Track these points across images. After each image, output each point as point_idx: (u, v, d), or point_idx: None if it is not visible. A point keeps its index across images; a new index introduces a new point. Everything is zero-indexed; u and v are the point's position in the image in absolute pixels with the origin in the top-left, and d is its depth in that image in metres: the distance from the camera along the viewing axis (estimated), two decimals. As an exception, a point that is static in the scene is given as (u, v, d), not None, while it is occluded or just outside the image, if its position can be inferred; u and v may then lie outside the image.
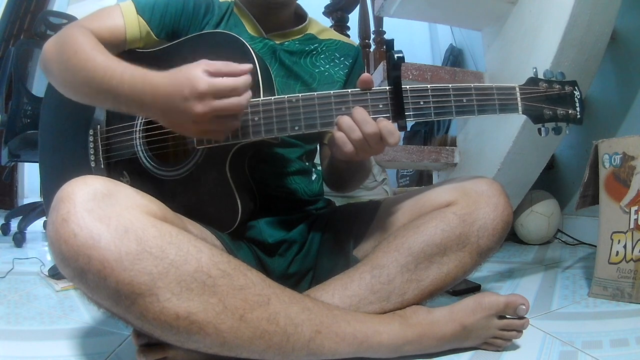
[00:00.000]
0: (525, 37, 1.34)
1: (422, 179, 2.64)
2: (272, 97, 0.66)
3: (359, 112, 0.65)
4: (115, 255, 0.49)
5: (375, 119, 0.64)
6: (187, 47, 0.73)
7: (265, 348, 0.56)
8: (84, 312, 0.91)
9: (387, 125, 0.64)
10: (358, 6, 2.12)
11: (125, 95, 0.62)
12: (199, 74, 0.58)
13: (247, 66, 0.61)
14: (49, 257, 1.46)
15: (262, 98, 0.66)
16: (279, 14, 0.84)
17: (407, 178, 2.80)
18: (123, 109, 0.65)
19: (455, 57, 2.85)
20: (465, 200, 0.71)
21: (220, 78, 0.58)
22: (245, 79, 0.60)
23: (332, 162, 0.84)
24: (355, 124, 0.64)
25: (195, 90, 0.57)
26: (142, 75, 0.62)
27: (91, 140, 0.78)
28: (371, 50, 2.15)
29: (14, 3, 3.21)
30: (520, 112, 0.70)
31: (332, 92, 0.66)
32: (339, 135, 0.65)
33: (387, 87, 0.66)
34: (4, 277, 1.22)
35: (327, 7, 2.09)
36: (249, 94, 0.61)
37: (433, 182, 1.86)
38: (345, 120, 0.65)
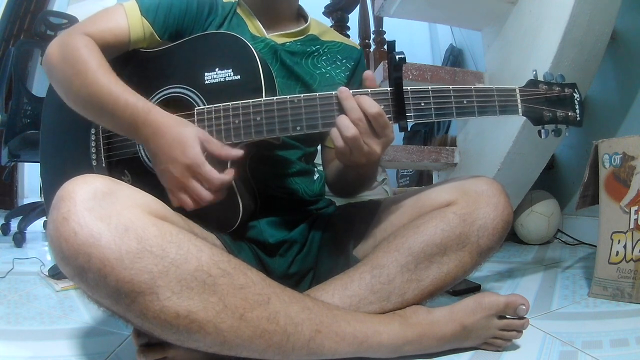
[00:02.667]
0: (525, 37, 1.34)
1: (422, 179, 2.64)
2: (274, 97, 0.66)
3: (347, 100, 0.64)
4: (116, 254, 0.49)
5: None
6: (191, 47, 0.73)
7: (265, 347, 0.56)
8: (84, 312, 0.91)
9: (367, 98, 0.64)
10: (358, 6, 2.12)
11: (127, 125, 0.65)
12: (195, 148, 0.62)
13: (237, 153, 0.65)
14: (49, 257, 1.46)
15: (264, 98, 0.66)
16: (280, 12, 0.84)
17: (407, 178, 2.80)
18: (123, 135, 0.69)
19: (455, 57, 2.86)
20: (465, 200, 0.71)
21: (206, 168, 0.61)
22: (222, 183, 0.63)
23: (343, 173, 0.84)
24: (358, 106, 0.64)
25: (185, 159, 0.61)
26: (144, 115, 0.64)
27: (93, 139, 0.78)
28: (371, 50, 2.15)
29: (14, 3, 3.21)
30: (520, 114, 0.70)
31: (333, 92, 0.66)
32: (333, 131, 0.65)
33: (389, 88, 0.66)
34: (4, 277, 1.22)
35: (327, 7, 2.09)
36: (219, 195, 0.64)
37: (433, 182, 1.86)
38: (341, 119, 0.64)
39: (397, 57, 0.64)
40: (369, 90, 0.66)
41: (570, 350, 0.71)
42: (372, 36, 2.15)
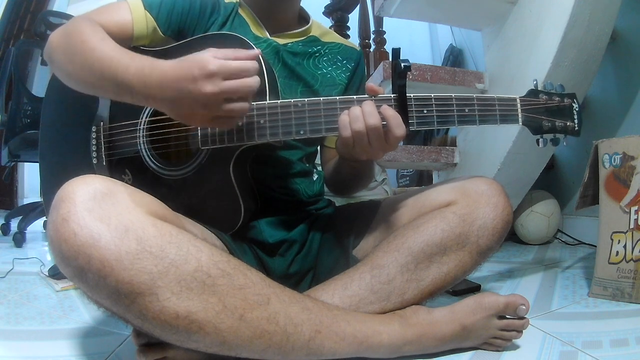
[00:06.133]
0: (525, 37, 1.34)
1: (422, 179, 2.64)
2: (279, 101, 0.67)
3: (368, 104, 0.65)
4: (115, 255, 0.49)
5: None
6: (194, 47, 0.72)
7: (265, 347, 0.56)
8: (84, 312, 0.91)
9: (396, 116, 0.64)
10: (358, 6, 2.12)
11: (131, 84, 0.61)
12: (208, 56, 0.58)
13: (255, 52, 0.62)
14: (49, 257, 1.46)
15: (268, 101, 0.66)
16: (282, 13, 0.84)
17: (407, 178, 2.80)
18: (127, 99, 0.64)
19: (455, 57, 2.86)
20: (465, 200, 0.71)
21: (230, 60, 0.58)
22: (253, 62, 0.60)
23: (337, 166, 0.85)
24: (362, 114, 0.64)
25: (205, 69, 0.57)
26: (150, 64, 0.61)
27: (94, 137, 0.78)
28: (371, 50, 2.15)
29: (14, 3, 3.21)
30: (520, 123, 0.72)
31: (337, 97, 0.67)
32: (343, 118, 0.65)
33: (392, 95, 0.67)
34: (4, 277, 1.22)
35: (327, 7, 2.09)
36: (257, 78, 0.60)
37: (433, 182, 1.86)
38: (354, 109, 0.65)
39: (402, 65, 0.65)
40: (373, 97, 0.67)
41: (570, 350, 0.71)
42: (372, 36, 2.15)
